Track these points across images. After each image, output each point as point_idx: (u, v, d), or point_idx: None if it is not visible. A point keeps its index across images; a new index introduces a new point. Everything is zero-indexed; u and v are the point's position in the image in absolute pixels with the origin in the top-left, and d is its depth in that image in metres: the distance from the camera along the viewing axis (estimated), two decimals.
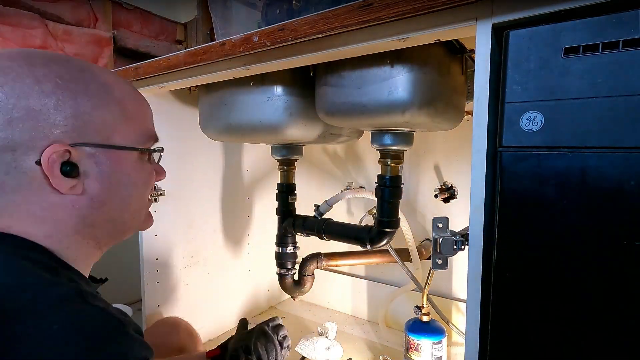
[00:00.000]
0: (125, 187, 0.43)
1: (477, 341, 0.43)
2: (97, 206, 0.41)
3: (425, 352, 0.89)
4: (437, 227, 0.49)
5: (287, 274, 0.96)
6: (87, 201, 0.40)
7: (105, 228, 0.43)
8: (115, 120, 0.42)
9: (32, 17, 1.00)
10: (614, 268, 0.36)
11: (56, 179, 0.37)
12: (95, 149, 0.40)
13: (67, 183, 0.38)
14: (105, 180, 0.41)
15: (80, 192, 0.40)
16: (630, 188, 0.34)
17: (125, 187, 0.43)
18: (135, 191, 0.45)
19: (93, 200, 0.41)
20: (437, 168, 1.10)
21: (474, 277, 0.43)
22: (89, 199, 0.40)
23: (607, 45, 0.35)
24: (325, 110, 0.70)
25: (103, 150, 0.41)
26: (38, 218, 0.38)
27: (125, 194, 0.43)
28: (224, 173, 1.15)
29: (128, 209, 0.45)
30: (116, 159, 0.42)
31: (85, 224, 0.41)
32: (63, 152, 0.37)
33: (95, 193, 0.41)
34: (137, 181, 0.45)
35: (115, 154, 0.42)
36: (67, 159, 0.38)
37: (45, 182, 0.37)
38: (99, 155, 0.40)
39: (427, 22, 0.46)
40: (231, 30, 0.91)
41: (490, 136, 0.42)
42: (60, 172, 0.37)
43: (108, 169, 0.41)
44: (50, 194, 0.38)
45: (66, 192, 0.38)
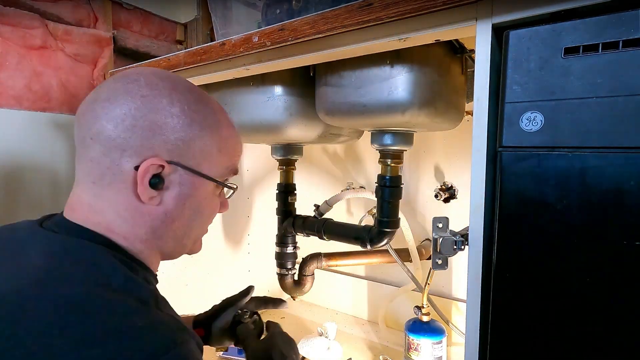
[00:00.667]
0: (194, 211, 0.46)
1: (477, 341, 0.43)
2: (169, 221, 0.44)
3: (425, 352, 0.89)
4: (437, 227, 0.49)
5: (287, 274, 0.96)
6: (161, 214, 0.43)
7: (169, 243, 0.46)
8: (212, 151, 0.45)
9: (32, 17, 1.00)
10: (614, 268, 0.36)
11: (142, 186, 0.40)
12: (185, 171, 0.43)
13: (149, 193, 0.41)
14: (181, 200, 0.44)
15: (157, 204, 0.42)
16: (630, 188, 0.34)
17: (194, 211, 0.46)
18: (200, 218, 0.47)
19: (167, 214, 0.44)
20: (437, 168, 1.10)
21: (474, 277, 0.43)
22: (164, 212, 0.43)
23: (607, 45, 0.35)
24: (325, 110, 0.70)
25: (190, 173, 0.44)
26: (121, 217, 0.42)
27: (192, 218, 0.46)
28: None
29: (191, 231, 0.47)
30: (197, 185, 0.45)
31: (154, 235, 0.44)
32: (158, 166, 0.41)
33: (170, 209, 0.43)
34: (205, 210, 0.47)
35: (198, 180, 0.44)
36: (159, 172, 0.41)
37: (132, 186, 0.41)
38: (184, 176, 0.43)
39: (427, 22, 0.46)
40: (231, 30, 0.91)
41: (490, 136, 0.42)
42: (149, 182, 0.41)
43: (187, 191, 0.44)
44: (133, 199, 0.41)
45: (146, 201, 0.41)
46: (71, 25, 1.10)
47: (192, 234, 0.48)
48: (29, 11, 1.01)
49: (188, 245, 0.50)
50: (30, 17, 1.00)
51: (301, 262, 0.99)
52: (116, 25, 1.22)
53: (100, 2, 1.16)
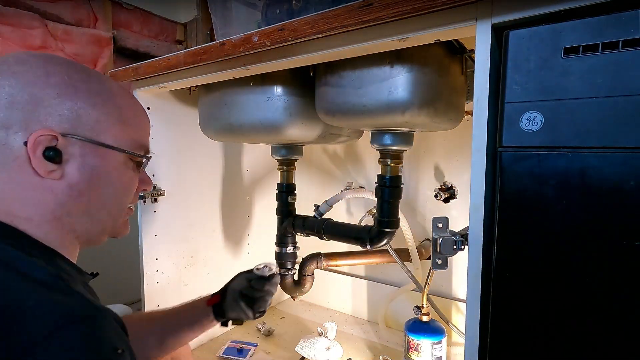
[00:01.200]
0: (104, 184, 0.45)
1: (477, 341, 0.43)
2: (75, 195, 0.43)
3: (425, 352, 0.89)
4: (437, 227, 0.49)
5: (287, 274, 0.96)
6: (66, 188, 0.42)
7: (81, 220, 0.45)
8: (110, 121, 0.45)
9: (32, 17, 1.00)
10: (614, 268, 0.36)
11: (37, 160, 0.40)
12: (84, 142, 0.42)
13: (47, 167, 0.40)
14: (85, 172, 0.43)
15: (58, 178, 0.41)
16: (630, 188, 0.34)
17: (105, 184, 0.45)
18: (114, 191, 0.46)
19: (71, 188, 0.42)
20: (437, 168, 1.10)
21: (474, 277, 0.43)
22: (67, 186, 0.42)
23: (607, 45, 0.35)
24: (325, 110, 0.70)
25: (91, 145, 0.43)
26: (21, 199, 0.41)
27: (104, 191, 0.45)
28: (224, 173, 1.15)
29: (105, 207, 0.46)
30: (102, 156, 0.44)
31: (63, 211, 0.43)
32: (51, 138, 0.40)
33: (74, 182, 0.42)
34: (116, 182, 0.46)
35: (102, 151, 0.44)
36: (53, 145, 0.40)
37: (27, 163, 0.40)
38: (86, 148, 0.43)
39: (427, 22, 0.46)
40: (231, 30, 0.91)
41: (490, 136, 0.42)
42: (43, 156, 0.40)
43: (91, 162, 0.43)
44: (32, 176, 0.40)
45: (44, 175, 0.40)
46: (71, 25, 1.10)
47: (108, 209, 0.47)
48: (29, 11, 1.01)
49: (106, 223, 0.47)
50: (30, 17, 1.00)
51: (301, 262, 0.99)
52: (116, 25, 1.22)
53: (100, 2, 1.16)
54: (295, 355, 1.02)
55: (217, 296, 0.73)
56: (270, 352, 1.06)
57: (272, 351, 1.06)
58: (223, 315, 0.72)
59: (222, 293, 0.74)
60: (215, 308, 0.72)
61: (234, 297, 0.72)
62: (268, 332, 1.15)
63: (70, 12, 1.10)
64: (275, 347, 1.08)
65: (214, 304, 0.72)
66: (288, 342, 1.11)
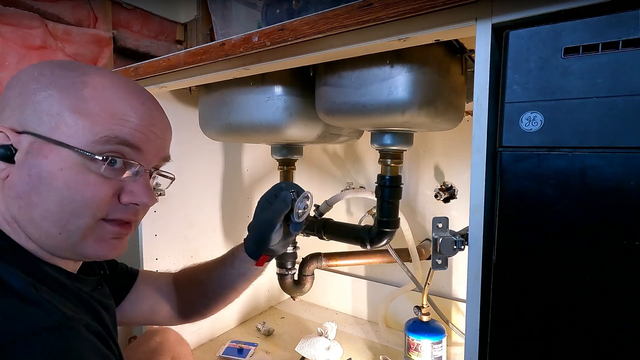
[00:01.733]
0: (45, 187, 0.37)
1: (477, 341, 0.43)
2: (13, 196, 0.38)
3: (425, 352, 0.89)
4: (437, 227, 0.49)
5: (287, 274, 0.96)
6: (7, 189, 0.38)
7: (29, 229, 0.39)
8: (63, 112, 0.38)
9: (32, 17, 1.00)
10: (614, 268, 0.36)
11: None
12: (34, 139, 0.38)
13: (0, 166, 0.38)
14: (24, 171, 0.37)
15: (4, 177, 0.38)
16: (630, 188, 0.34)
17: (46, 187, 0.37)
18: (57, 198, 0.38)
19: (11, 188, 0.38)
20: (437, 168, 1.10)
21: (474, 277, 0.43)
22: (9, 186, 0.38)
23: (607, 45, 0.35)
24: (325, 110, 0.70)
25: (41, 141, 0.37)
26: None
27: (45, 197, 0.37)
28: (224, 173, 1.15)
29: (48, 217, 0.38)
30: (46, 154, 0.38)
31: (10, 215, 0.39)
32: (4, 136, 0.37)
33: (14, 181, 0.38)
34: (60, 186, 0.38)
35: (49, 148, 0.37)
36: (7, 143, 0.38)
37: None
38: (35, 145, 0.38)
39: (427, 22, 0.46)
40: (231, 30, 0.91)
41: (490, 136, 0.42)
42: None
43: (33, 160, 0.37)
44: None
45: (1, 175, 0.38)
46: (71, 25, 1.10)
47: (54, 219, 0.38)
48: (29, 11, 1.01)
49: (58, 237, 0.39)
50: (30, 17, 1.00)
51: (301, 262, 0.99)
52: (116, 25, 1.22)
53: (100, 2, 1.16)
54: (295, 355, 1.02)
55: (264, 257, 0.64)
56: (270, 352, 1.06)
57: (272, 351, 1.06)
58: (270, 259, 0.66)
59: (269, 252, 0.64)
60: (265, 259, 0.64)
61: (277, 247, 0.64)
62: (268, 332, 1.15)
63: (70, 12, 1.10)
64: (275, 347, 1.08)
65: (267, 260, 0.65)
66: (288, 342, 1.11)
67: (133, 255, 0.95)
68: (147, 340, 0.76)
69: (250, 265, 0.65)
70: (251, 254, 0.64)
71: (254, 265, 0.65)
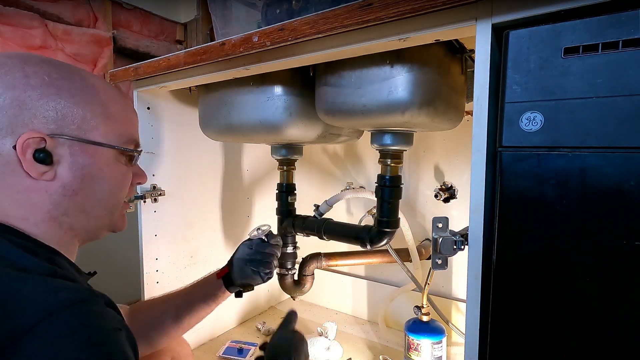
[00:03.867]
0: (97, 181, 0.45)
1: (477, 341, 0.43)
2: (69, 194, 0.43)
3: (425, 352, 0.89)
4: (437, 227, 0.49)
5: (287, 274, 0.96)
6: (60, 188, 0.43)
7: (78, 218, 0.45)
8: (96, 117, 0.45)
9: (32, 17, 1.00)
10: (614, 268, 0.36)
11: (28, 163, 0.40)
12: (72, 141, 0.43)
13: (39, 169, 0.41)
14: (77, 171, 0.43)
15: (51, 179, 0.42)
16: (630, 188, 0.34)
17: (98, 181, 0.45)
18: (108, 187, 0.47)
19: (65, 187, 0.43)
20: (437, 168, 1.10)
21: (473, 277, 0.43)
22: (61, 186, 0.43)
23: (607, 45, 0.35)
24: (325, 110, 0.70)
25: (79, 143, 0.43)
26: (14, 201, 0.41)
27: (97, 188, 0.46)
28: (224, 173, 1.15)
29: (100, 203, 0.47)
30: (91, 153, 0.44)
31: (59, 211, 0.43)
32: (39, 140, 0.41)
33: (67, 181, 0.43)
34: (109, 177, 0.47)
35: (91, 149, 0.44)
36: (42, 146, 0.41)
37: (19, 166, 0.40)
38: (75, 147, 0.43)
39: (427, 22, 0.46)
40: (231, 30, 0.91)
41: (490, 136, 0.42)
42: (33, 158, 0.40)
43: (82, 160, 0.44)
44: (24, 178, 0.41)
45: (37, 177, 0.41)
46: (71, 25, 1.10)
47: (103, 205, 0.47)
48: (29, 11, 1.01)
49: (104, 219, 0.48)
50: (30, 17, 1.00)
51: (301, 262, 0.99)
52: (116, 25, 1.22)
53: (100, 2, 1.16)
54: None
55: (225, 268, 0.75)
56: None
57: None
58: (233, 285, 0.74)
59: (229, 264, 0.76)
60: (225, 279, 0.74)
61: (240, 266, 0.75)
62: (268, 332, 1.15)
63: (70, 12, 1.10)
64: None
65: (224, 276, 0.74)
66: None
67: (133, 255, 0.95)
68: None
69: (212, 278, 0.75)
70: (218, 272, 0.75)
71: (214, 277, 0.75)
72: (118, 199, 0.49)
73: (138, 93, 0.89)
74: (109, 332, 0.35)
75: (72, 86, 0.44)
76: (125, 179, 0.50)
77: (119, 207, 0.50)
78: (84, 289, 0.37)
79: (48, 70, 0.43)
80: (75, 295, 0.35)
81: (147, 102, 0.91)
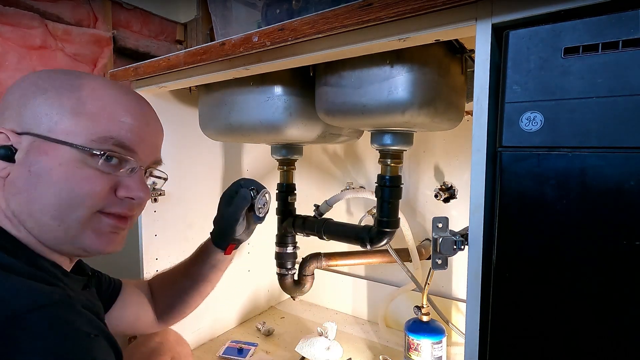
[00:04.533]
0: (44, 182, 0.40)
1: (477, 341, 0.43)
2: (13, 192, 0.40)
3: (425, 352, 0.89)
4: (437, 227, 0.49)
5: (287, 274, 0.96)
6: (8, 185, 0.41)
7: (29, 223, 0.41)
8: (61, 113, 0.41)
9: (32, 17, 1.00)
10: (614, 268, 0.36)
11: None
12: (35, 139, 0.40)
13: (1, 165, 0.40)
14: (24, 168, 0.40)
15: (5, 175, 0.41)
16: (630, 188, 0.34)
17: (44, 182, 0.40)
18: (56, 191, 0.40)
19: (12, 185, 0.40)
20: (437, 168, 1.10)
21: (473, 277, 0.43)
22: (10, 183, 0.40)
23: (607, 45, 0.35)
24: (325, 110, 0.70)
25: (40, 140, 0.40)
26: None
27: (43, 191, 0.40)
28: (224, 173, 1.15)
29: (47, 210, 0.40)
30: (45, 151, 0.40)
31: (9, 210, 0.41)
32: (4, 137, 0.40)
33: (14, 178, 0.40)
34: (58, 180, 0.40)
35: (48, 146, 0.40)
36: (7, 143, 0.40)
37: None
38: (35, 144, 0.40)
39: (427, 22, 0.46)
40: (231, 30, 0.91)
41: (490, 136, 0.42)
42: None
43: (33, 158, 0.40)
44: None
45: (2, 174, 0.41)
46: (71, 25, 1.10)
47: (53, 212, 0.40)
48: (29, 11, 1.01)
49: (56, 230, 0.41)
50: (30, 17, 1.00)
51: (301, 262, 0.99)
52: (116, 25, 1.22)
53: (100, 2, 1.16)
54: (295, 355, 1.02)
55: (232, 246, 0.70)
56: (270, 352, 1.06)
57: (272, 351, 1.06)
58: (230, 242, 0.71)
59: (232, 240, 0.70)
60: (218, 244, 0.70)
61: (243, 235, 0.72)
62: (268, 332, 1.15)
63: (70, 12, 1.10)
64: (275, 347, 1.08)
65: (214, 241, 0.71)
66: (288, 342, 1.11)
67: (133, 255, 0.95)
68: (147, 340, 0.77)
69: (220, 256, 0.71)
70: (219, 245, 0.70)
71: (222, 255, 0.71)
72: (72, 207, 0.40)
73: None
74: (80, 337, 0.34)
75: (52, 84, 0.42)
76: (89, 186, 0.41)
77: (79, 220, 0.41)
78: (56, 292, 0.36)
79: (46, 74, 0.43)
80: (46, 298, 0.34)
81: None
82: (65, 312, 0.35)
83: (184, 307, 0.73)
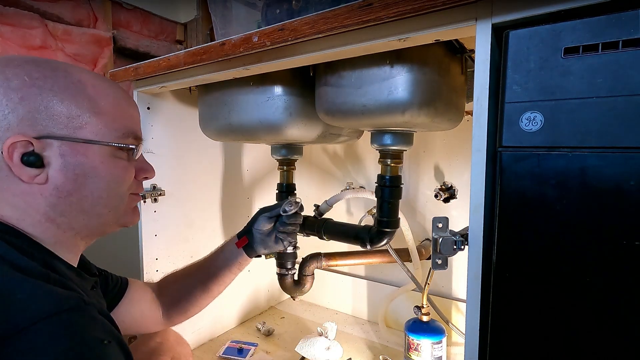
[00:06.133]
0: (92, 179, 0.44)
1: (477, 341, 0.43)
2: (64, 195, 0.43)
3: (425, 352, 0.89)
4: (437, 227, 0.49)
5: (287, 274, 0.96)
6: (53, 190, 0.42)
7: (78, 218, 0.45)
8: (84, 114, 0.43)
9: (32, 17, 1.00)
10: (614, 268, 0.36)
11: (17, 167, 0.40)
12: (61, 142, 0.42)
13: (30, 172, 0.40)
14: (69, 172, 0.42)
15: (43, 182, 0.41)
16: (630, 188, 0.34)
17: (93, 179, 0.44)
18: (106, 185, 0.45)
19: (59, 189, 0.42)
20: (437, 168, 1.10)
21: (473, 277, 0.43)
22: (55, 188, 0.42)
23: (607, 45, 0.35)
24: (325, 110, 0.70)
25: (69, 143, 0.42)
26: (10, 203, 0.41)
27: (94, 187, 0.44)
28: (224, 173, 1.15)
29: (99, 201, 0.45)
30: (82, 152, 0.43)
31: (55, 213, 0.43)
32: (25, 143, 0.40)
33: (60, 183, 0.42)
34: (106, 175, 0.45)
35: (82, 147, 0.43)
36: (30, 150, 0.40)
37: (10, 171, 0.40)
38: (64, 147, 0.42)
39: (427, 22, 0.46)
40: (231, 30, 0.91)
41: (490, 136, 0.42)
42: (22, 162, 0.40)
43: (73, 160, 0.42)
44: (19, 183, 0.41)
45: (29, 180, 0.41)
46: (71, 25, 1.10)
47: (103, 203, 0.46)
48: (29, 11, 1.01)
49: (106, 216, 0.47)
50: (30, 17, 1.00)
51: (301, 262, 0.99)
52: (116, 25, 1.22)
53: (100, 2, 1.16)
54: (295, 355, 1.02)
55: (244, 238, 0.75)
56: (270, 352, 1.06)
57: (272, 351, 1.06)
58: (254, 252, 0.76)
59: (248, 234, 0.76)
60: (246, 248, 0.75)
61: (262, 238, 0.75)
62: (268, 332, 1.15)
63: (70, 12, 1.10)
64: (275, 347, 1.08)
65: (245, 246, 0.75)
66: (288, 342, 1.11)
67: (133, 255, 0.95)
68: (147, 340, 0.77)
69: (232, 248, 0.75)
70: (239, 235, 0.77)
71: (235, 247, 0.75)
72: (119, 195, 0.48)
73: (138, 93, 0.89)
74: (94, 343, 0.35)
75: (56, 84, 0.42)
76: (126, 174, 0.48)
77: (123, 203, 0.49)
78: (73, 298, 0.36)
79: (29, 70, 0.41)
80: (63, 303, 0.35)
81: (147, 102, 0.91)
82: (81, 318, 0.35)
83: (190, 305, 0.74)
